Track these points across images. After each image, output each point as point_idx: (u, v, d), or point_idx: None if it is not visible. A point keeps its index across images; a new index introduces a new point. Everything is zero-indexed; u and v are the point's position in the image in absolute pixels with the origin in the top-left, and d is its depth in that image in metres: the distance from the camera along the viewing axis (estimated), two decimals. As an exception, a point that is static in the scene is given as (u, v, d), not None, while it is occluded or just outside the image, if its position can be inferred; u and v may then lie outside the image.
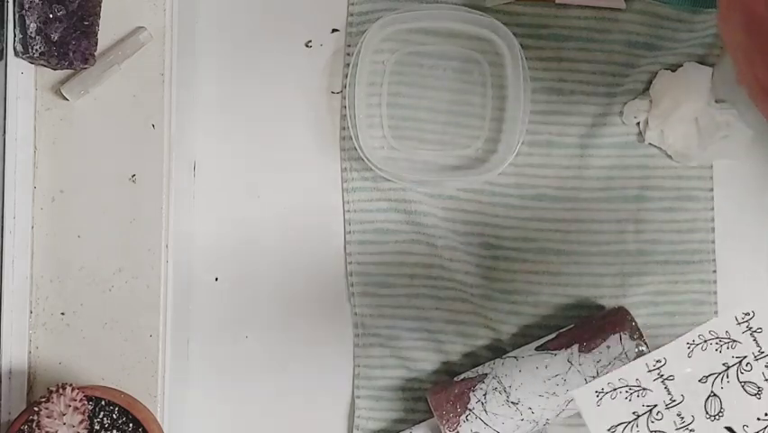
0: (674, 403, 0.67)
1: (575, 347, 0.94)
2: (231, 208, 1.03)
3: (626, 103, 1.01)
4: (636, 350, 0.93)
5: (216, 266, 1.03)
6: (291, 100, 1.03)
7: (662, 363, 0.67)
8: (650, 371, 0.68)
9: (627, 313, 0.96)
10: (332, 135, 1.03)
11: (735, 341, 0.68)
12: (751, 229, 1.01)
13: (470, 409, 0.94)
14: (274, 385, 1.02)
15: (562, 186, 1.01)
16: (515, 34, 0.99)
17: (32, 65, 0.93)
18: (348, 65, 1.02)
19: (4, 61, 0.92)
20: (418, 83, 1.02)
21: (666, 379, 0.68)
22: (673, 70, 0.99)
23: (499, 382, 0.94)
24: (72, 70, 0.93)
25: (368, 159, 0.98)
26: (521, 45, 0.99)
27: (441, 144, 1.02)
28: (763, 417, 0.66)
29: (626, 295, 1.00)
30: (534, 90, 1.01)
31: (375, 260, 1.02)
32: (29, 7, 0.91)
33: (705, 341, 0.68)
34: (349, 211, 1.02)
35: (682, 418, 0.67)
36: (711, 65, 1.00)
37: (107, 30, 0.93)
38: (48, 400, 0.80)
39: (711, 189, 1.01)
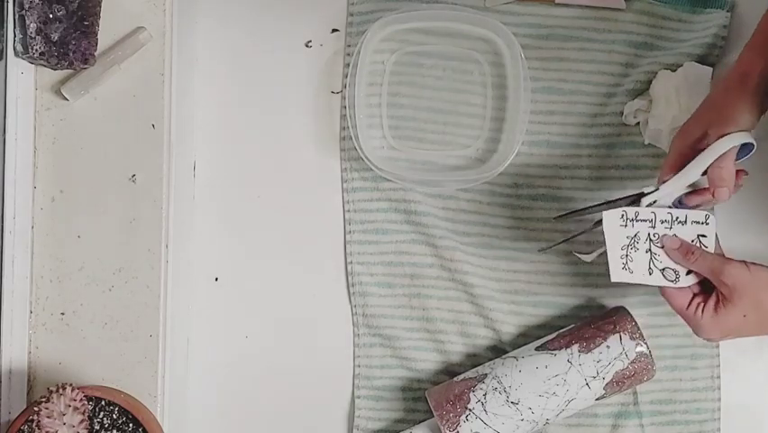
0: (653, 221, 0.87)
1: (575, 347, 0.94)
2: (231, 208, 1.03)
3: (626, 103, 1.01)
4: (636, 350, 0.93)
5: (216, 266, 1.03)
6: (291, 100, 1.03)
7: (625, 214, 0.86)
8: (625, 226, 0.86)
9: (627, 313, 0.96)
10: (332, 135, 1.03)
11: (636, 236, 0.86)
12: (751, 229, 1.01)
13: (470, 410, 0.94)
14: (274, 385, 1.02)
15: (561, 186, 1.01)
16: (515, 34, 0.99)
17: (32, 65, 0.93)
18: (348, 65, 1.02)
19: (4, 61, 0.92)
20: (418, 83, 1.02)
21: (637, 220, 0.87)
22: (673, 70, 0.99)
23: (499, 382, 0.94)
24: (72, 70, 0.93)
25: (368, 159, 0.98)
26: (521, 45, 0.99)
27: (441, 144, 1.02)
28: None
29: (626, 295, 1.00)
30: (534, 90, 1.01)
31: (375, 260, 1.02)
32: (29, 7, 0.91)
33: (626, 255, 0.86)
34: (349, 211, 1.02)
35: (665, 221, 0.87)
36: (711, 65, 0.99)
37: (107, 30, 0.93)
38: (48, 400, 0.80)
39: (711, 189, 1.01)
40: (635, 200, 0.88)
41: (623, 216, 0.87)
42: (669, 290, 0.86)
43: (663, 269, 0.87)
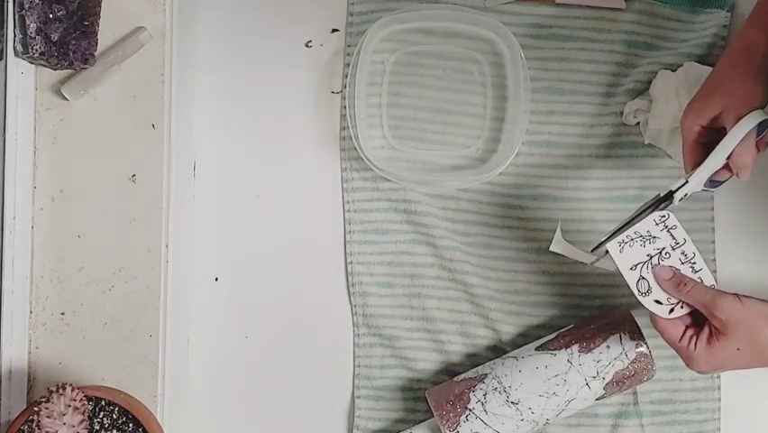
0: (678, 245, 0.86)
1: (575, 347, 0.94)
2: (231, 208, 1.03)
3: (626, 103, 1.01)
4: (636, 350, 0.93)
5: (216, 266, 1.03)
6: (291, 100, 1.03)
7: (666, 217, 0.86)
8: (657, 224, 0.86)
9: (628, 313, 0.96)
10: (332, 135, 1.03)
11: (655, 237, 0.86)
12: (751, 229, 1.01)
13: (470, 410, 0.94)
14: (274, 385, 1.02)
15: (561, 186, 1.01)
16: (515, 34, 0.99)
17: (32, 65, 0.93)
18: (348, 65, 1.02)
19: (4, 61, 0.92)
20: (418, 83, 1.02)
21: (670, 229, 0.86)
22: (673, 70, 0.99)
23: (499, 382, 0.94)
24: (72, 70, 0.93)
25: (368, 159, 0.98)
26: (521, 45, 0.99)
27: (441, 144, 1.02)
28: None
29: (626, 295, 1.00)
30: (534, 90, 1.01)
31: (375, 260, 1.02)
32: (29, 7, 0.91)
33: (632, 240, 0.86)
34: (349, 211, 1.02)
35: (686, 255, 0.86)
36: (711, 65, 0.99)
37: (107, 30, 0.93)
38: (48, 400, 0.80)
39: (711, 189, 1.01)
40: (665, 199, 0.87)
41: (664, 217, 0.86)
42: (662, 323, 0.85)
43: (641, 278, 0.86)
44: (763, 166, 1.00)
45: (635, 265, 0.86)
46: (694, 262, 0.86)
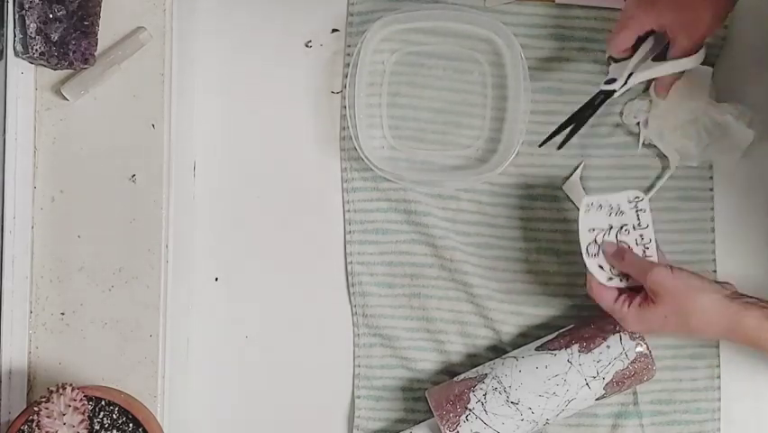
0: (640, 227, 0.90)
1: (575, 347, 0.94)
2: (231, 208, 1.03)
3: (626, 103, 1.01)
4: (636, 350, 0.93)
5: (216, 266, 1.03)
6: (291, 100, 1.03)
7: (640, 198, 0.90)
8: (629, 201, 0.90)
9: (627, 313, 0.96)
10: (332, 135, 1.03)
11: (623, 212, 0.90)
12: (751, 229, 1.01)
13: (470, 410, 0.94)
14: (274, 385, 1.02)
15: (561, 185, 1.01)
16: (515, 34, 0.99)
17: (32, 65, 0.93)
18: (348, 65, 1.02)
19: (4, 61, 0.92)
20: (418, 83, 1.02)
21: (639, 210, 0.90)
22: (673, 70, 0.99)
23: (499, 382, 0.94)
24: (72, 70, 0.93)
25: (368, 159, 0.98)
26: (521, 45, 0.99)
27: (441, 144, 1.02)
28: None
29: (626, 295, 1.00)
30: (534, 90, 1.01)
31: (375, 260, 1.02)
32: (29, 7, 0.91)
33: (600, 206, 0.90)
34: (349, 211, 1.02)
35: (642, 238, 0.90)
36: (711, 65, 0.99)
37: (107, 30, 0.94)
38: (48, 400, 0.80)
39: (711, 189, 1.01)
40: (607, 95, 0.91)
41: (638, 198, 0.90)
42: (596, 289, 0.90)
43: (594, 242, 0.91)
44: (762, 166, 1.00)
45: (594, 228, 0.91)
46: (647, 248, 0.91)
